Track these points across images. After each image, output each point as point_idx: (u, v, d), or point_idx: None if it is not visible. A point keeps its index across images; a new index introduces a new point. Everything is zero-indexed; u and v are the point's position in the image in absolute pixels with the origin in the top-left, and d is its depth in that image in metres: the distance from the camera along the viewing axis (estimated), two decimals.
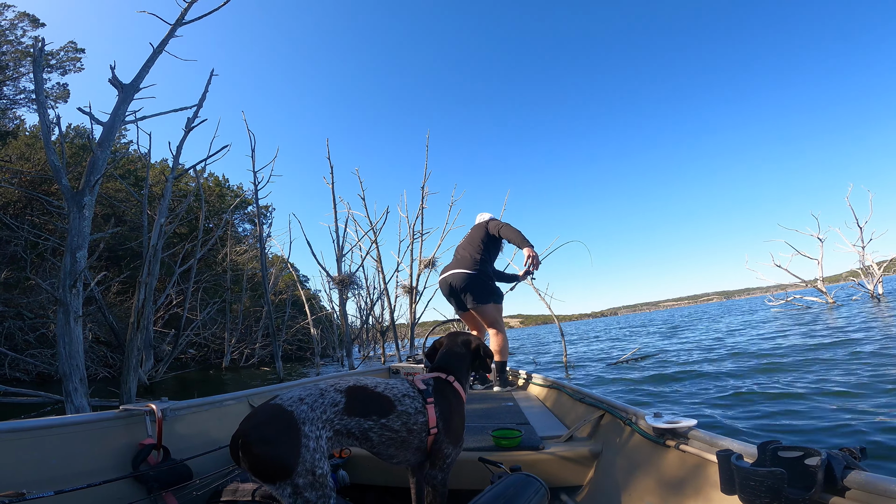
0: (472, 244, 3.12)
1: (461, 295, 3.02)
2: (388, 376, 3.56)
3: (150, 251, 5.52)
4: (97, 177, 4.51)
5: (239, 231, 20.11)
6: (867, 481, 0.72)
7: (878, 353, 4.74)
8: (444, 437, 1.21)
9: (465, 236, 3.28)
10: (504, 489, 1.07)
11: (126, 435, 1.50)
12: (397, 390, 1.20)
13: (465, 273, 2.98)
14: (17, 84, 14.28)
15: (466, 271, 2.98)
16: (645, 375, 5.41)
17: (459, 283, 2.99)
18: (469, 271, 2.98)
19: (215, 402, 1.90)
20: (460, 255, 3.13)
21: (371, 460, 1.68)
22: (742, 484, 0.83)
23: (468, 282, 2.98)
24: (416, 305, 11.25)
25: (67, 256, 4.24)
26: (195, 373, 12.72)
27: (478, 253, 3.06)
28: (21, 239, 11.54)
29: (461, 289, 3.00)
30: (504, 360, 3.11)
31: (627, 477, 1.38)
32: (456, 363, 1.40)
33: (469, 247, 3.12)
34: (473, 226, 3.34)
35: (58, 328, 4.05)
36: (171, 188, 6.22)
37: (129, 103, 5.13)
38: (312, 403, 1.01)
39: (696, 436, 1.20)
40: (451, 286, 3.04)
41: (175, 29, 5.65)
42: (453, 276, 3.02)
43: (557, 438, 1.78)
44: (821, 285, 15.96)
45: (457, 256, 3.16)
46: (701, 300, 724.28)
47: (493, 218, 3.28)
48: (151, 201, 12.12)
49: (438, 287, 3.23)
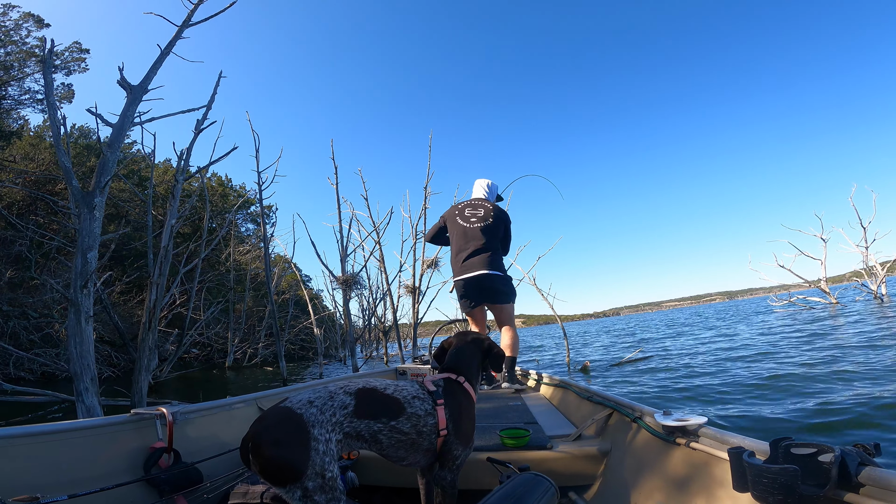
0: (491, 239, 3.05)
1: (488, 293, 3.02)
2: (395, 377, 3.58)
3: (162, 252, 5.54)
4: (107, 178, 4.53)
5: (242, 231, 20.18)
6: (882, 477, 0.72)
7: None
8: (454, 439, 1.21)
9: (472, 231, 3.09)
10: (513, 489, 1.07)
11: (137, 438, 1.51)
12: (407, 392, 1.19)
13: (497, 275, 2.99)
14: (21, 84, 14.35)
15: (497, 273, 3.00)
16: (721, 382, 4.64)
17: (490, 284, 2.99)
18: (499, 273, 3.01)
19: (224, 405, 1.91)
20: (477, 251, 3.02)
21: (379, 461, 1.68)
22: (754, 481, 0.83)
23: (498, 283, 3.00)
24: (418, 305, 11.27)
25: (79, 257, 4.26)
26: (199, 372, 12.76)
27: (497, 252, 3.07)
28: (26, 239, 11.60)
29: (490, 289, 3.00)
30: (514, 356, 3.10)
31: (636, 475, 1.38)
32: (466, 363, 1.39)
33: (489, 242, 3.04)
34: (482, 201, 3.20)
35: (69, 328, 4.07)
36: (180, 190, 6.24)
37: (138, 104, 5.15)
38: (322, 406, 1.01)
39: (706, 433, 1.19)
40: (478, 283, 2.99)
41: (182, 30, 5.67)
42: (484, 277, 2.97)
43: (566, 437, 1.78)
44: (824, 286, 15.90)
45: (471, 252, 3.03)
46: (703, 300, 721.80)
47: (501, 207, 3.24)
48: (155, 201, 12.17)
49: (456, 282, 3.12)
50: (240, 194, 20.37)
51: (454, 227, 3.21)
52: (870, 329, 7.18)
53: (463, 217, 3.18)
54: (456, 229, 3.19)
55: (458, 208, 3.25)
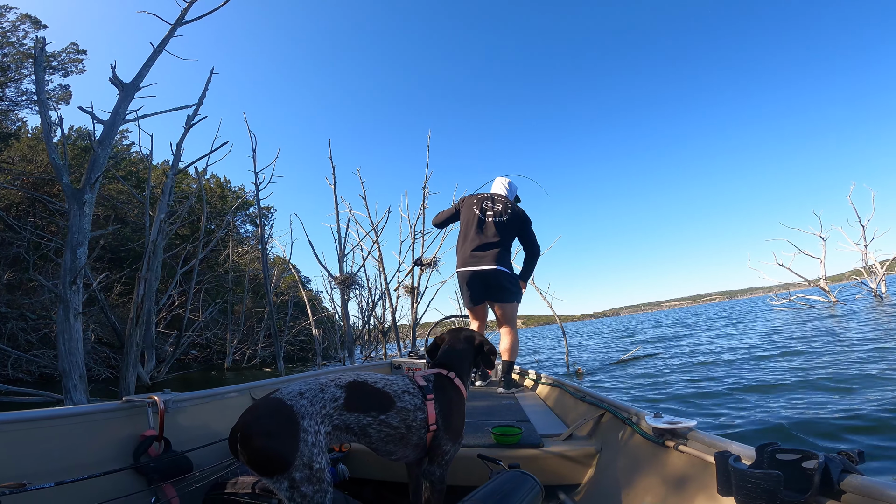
0: (507, 236, 2.98)
1: (494, 290, 2.95)
2: (389, 371, 3.56)
3: (150, 247, 5.53)
4: (97, 174, 4.53)
5: (241, 232, 20.17)
6: (863, 485, 0.71)
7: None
8: (444, 434, 1.21)
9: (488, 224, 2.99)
10: (499, 486, 1.07)
11: (128, 426, 1.50)
12: (397, 386, 1.19)
13: (504, 272, 2.93)
14: (19, 86, 14.34)
15: (504, 269, 2.93)
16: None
17: (494, 279, 2.92)
18: (505, 270, 2.95)
19: (217, 394, 1.90)
20: (489, 245, 2.95)
21: (370, 455, 1.67)
22: (738, 486, 0.83)
23: (505, 280, 2.93)
24: (417, 306, 11.26)
25: (68, 253, 4.25)
26: (197, 373, 12.76)
27: (508, 251, 3.02)
28: (24, 240, 11.59)
29: (497, 286, 2.93)
30: (513, 360, 3.01)
31: (626, 476, 1.37)
32: (458, 360, 1.40)
33: (504, 238, 2.98)
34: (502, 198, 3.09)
35: (58, 324, 4.06)
36: (171, 184, 6.23)
37: (130, 102, 5.15)
38: (312, 398, 1.01)
39: (695, 437, 1.19)
40: (484, 278, 2.92)
41: (175, 28, 5.67)
42: (491, 272, 2.90)
43: (557, 437, 1.78)
44: (824, 284, 15.90)
45: (482, 244, 2.96)
46: (703, 300, 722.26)
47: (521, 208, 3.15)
48: (154, 202, 12.15)
49: (459, 276, 3.05)
50: (238, 195, 20.37)
51: (468, 214, 3.10)
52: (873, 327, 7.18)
53: (480, 208, 3.08)
54: (470, 218, 3.08)
55: (477, 199, 3.13)
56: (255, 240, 18.62)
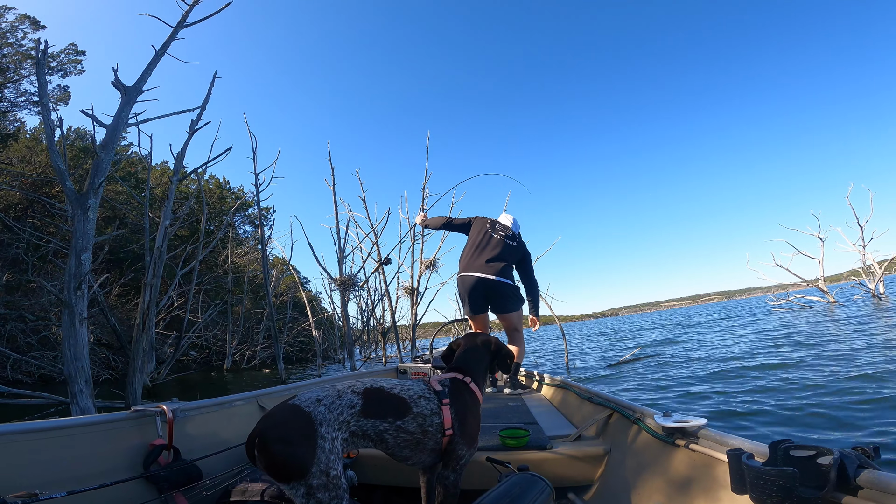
0: (511, 257, 3.21)
1: (495, 299, 3.12)
2: (395, 377, 3.56)
3: (155, 253, 5.52)
4: (101, 179, 4.52)
5: (240, 233, 20.14)
6: (880, 480, 0.72)
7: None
8: (460, 439, 1.21)
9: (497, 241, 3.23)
10: (509, 488, 1.07)
11: (137, 435, 1.51)
12: (413, 392, 1.19)
13: (505, 283, 3.10)
14: (17, 87, 14.31)
15: (507, 281, 3.11)
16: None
17: (497, 289, 3.08)
18: (509, 281, 3.13)
19: (224, 402, 1.91)
20: (497, 258, 3.14)
21: (378, 460, 1.68)
22: (753, 483, 0.83)
23: (506, 290, 3.10)
24: (416, 307, 11.25)
25: (72, 259, 4.24)
26: (197, 374, 12.72)
27: (511, 267, 3.23)
28: (23, 241, 11.55)
29: (498, 294, 3.10)
30: (519, 361, 3.20)
31: (636, 476, 1.38)
32: (474, 364, 1.40)
33: (509, 256, 3.20)
34: (503, 228, 3.33)
35: (63, 330, 4.05)
36: (174, 191, 6.22)
37: (132, 105, 5.14)
38: (330, 405, 1.01)
39: (706, 435, 1.19)
40: (487, 288, 3.08)
41: (177, 31, 5.67)
42: (495, 282, 3.07)
43: (565, 438, 1.77)
44: (822, 285, 15.94)
45: (491, 256, 3.14)
46: (702, 300, 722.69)
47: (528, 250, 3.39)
48: (152, 204, 12.13)
49: (461, 281, 3.20)
50: (237, 196, 20.34)
51: (479, 229, 3.34)
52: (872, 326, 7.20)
53: (493, 228, 3.34)
54: (481, 232, 3.32)
55: (489, 221, 3.41)
56: (255, 241, 18.61)
